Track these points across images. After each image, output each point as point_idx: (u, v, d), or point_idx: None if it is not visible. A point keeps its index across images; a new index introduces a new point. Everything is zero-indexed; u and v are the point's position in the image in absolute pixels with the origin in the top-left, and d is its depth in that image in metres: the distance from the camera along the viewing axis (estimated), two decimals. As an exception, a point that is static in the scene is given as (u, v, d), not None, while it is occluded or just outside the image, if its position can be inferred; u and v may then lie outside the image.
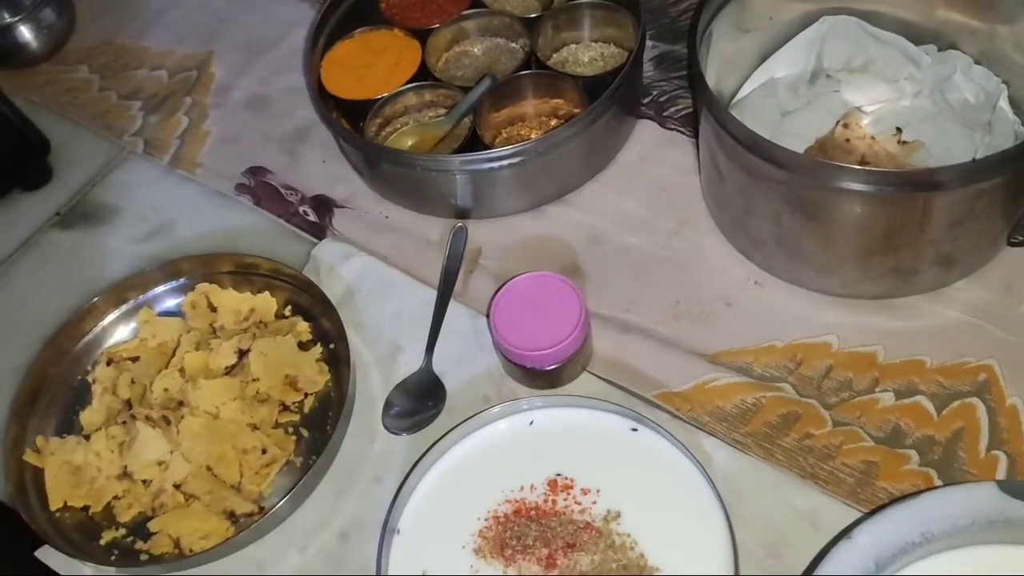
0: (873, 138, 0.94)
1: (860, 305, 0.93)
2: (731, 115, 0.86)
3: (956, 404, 0.86)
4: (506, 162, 0.98)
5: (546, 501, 0.83)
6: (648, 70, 1.14)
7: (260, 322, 0.99)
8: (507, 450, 0.86)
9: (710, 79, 0.91)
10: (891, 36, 0.99)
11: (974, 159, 0.90)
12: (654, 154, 1.07)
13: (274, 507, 0.84)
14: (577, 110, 1.05)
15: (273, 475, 0.90)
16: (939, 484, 0.82)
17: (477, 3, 1.15)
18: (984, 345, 0.89)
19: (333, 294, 0.97)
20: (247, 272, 1.01)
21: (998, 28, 0.95)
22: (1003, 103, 0.96)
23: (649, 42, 1.15)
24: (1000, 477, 0.82)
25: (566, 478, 0.84)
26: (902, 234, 0.86)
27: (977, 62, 0.97)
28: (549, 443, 0.86)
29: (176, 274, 1.02)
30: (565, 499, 0.83)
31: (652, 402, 0.90)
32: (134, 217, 1.13)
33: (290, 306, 1.00)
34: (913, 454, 0.84)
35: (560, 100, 1.08)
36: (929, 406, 0.87)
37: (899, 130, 0.93)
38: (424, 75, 1.11)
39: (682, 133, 1.08)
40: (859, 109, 0.96)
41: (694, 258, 0.99)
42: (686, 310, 0.95)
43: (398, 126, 1.10)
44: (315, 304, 0.98)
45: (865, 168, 0.88)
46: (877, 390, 0.88)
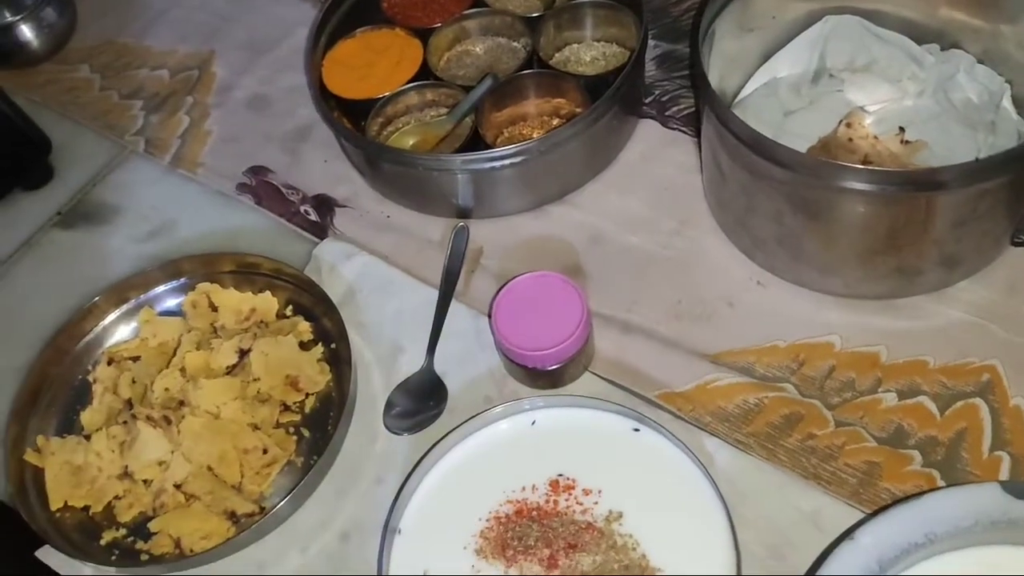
0: (876, 138, 0.94)
1: (863, 305, 0.92)
2: (733, 114, 0.86)
3: (959, 404, 0.86)
4: (508, 162, 0.98)
5: (548, 501, 0.83)
6: (650, 69, 1.13)
7: (261, 322, 0.99)
8: (509, 450, 0.86)
9: (712, 78, 0.90)
10: (894, 35, 0.99)
11: (977, 159, 0.89)
12: (656, 154, 1.07)
13: (275, 507, 0.84)
14: (579, 109, 1.05)
15: (274, 475, 0.90)
16: (942, 485, 0.82)
17: (479, 2, 1.15)
18: (987, 345, 0.89)
19: (334, 294, 0.97)
20: (248, 272, 1.01)
21: (1001, 27, 0.95)
22: (1006, 103, 0.96)
23: (651, 41, 1.14)
24: (1003, 478, 0.82)
25: (568, 478, 0.84)
26: (905, 234, 0.86)
27: (980, 61, 0.97)
28: (551, 443, 0.86)
29: (177, 274, 1.02)
30: (567, 499, 0.83)
31: (654, 402, 0.90)
32: (135, 217, 1.13)
33: (291, 306, 1.00)
34: (916, 455, 0.84)
35: (562, 99, 1.07)
36: (932, 406, 0.86)
37: (902, 130, 0.93)
38: (426, 74, 1.10)
39: (684, 133, 1.08)
40: (862, 109, 0.95)
41: (696, 258, 0.99)
42: (688, 310, 0.95)
43: (400, 125, 1.10)
44: (316, 304, 0.98)
45: (868, 168, 0.88)
46: (880, 390, 0.88)
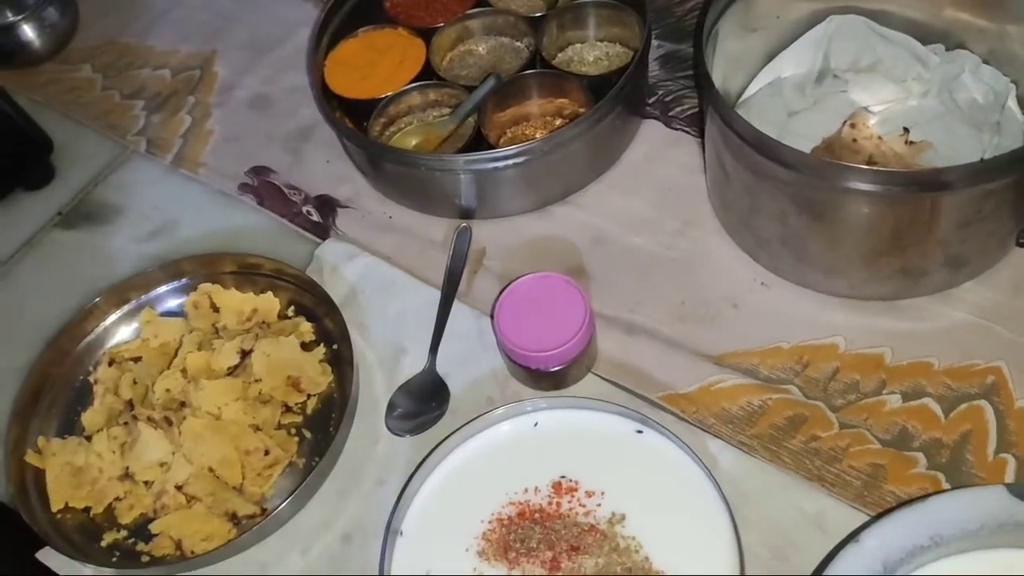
0: (880, 138, 0.93)
1: (867, 306, 0.92)
2: (737, 114, 0.86)
3: (964, 406, 0.86)
4: (510, 162, 0.98)
5: (550, 503, 0.83)
6: (653, 69, 1.13)
7: (263, 322, 0.98)
8: (511, 452, 0.86)
9: (716, 78, 0.90)
10: (899, 35, 0.99)
11: (982, 159, 0.89)
12: (659, 154, 1.07)
13: (276, 509, 0.84)
14: (582, 110, 1.05)
15: (275, 476, 0.89)
16: (947, 487, 0.82)
17: (482, 2, 1.15)
18: (992, 347, 0.88)
19: (336, 294, 0.97)
20: (250, 272, 1.01)
21: (1007, 27, 0.94)
22: (1012, 103, 0.95)
23: (655, 41, 1.14)
24: (1009, 480, 0.82)
25: (570, 480, 0.83)
26: (909, 235, 0.85)
27: (985, 62, 0.97)
28: (553, 445, 0.86)
29: (178, 274, 1.02)
30: (569, 501, 0.83)
31: (657, 404, 0.90)
32: (137, 217, 1.13)
33: (293, 306, 1.00)
34: (921, 457, 0.84)
35: (565, 100, 1.07)
36: (937, 408, 0.86)
37: (906, 130, 0.93)
38: (428, 74, 1.10)
39: (688, 133, 1.08)
40: (866, 109, 0.95)
41: (700, 259, 0.98)
42: (691, 311, 0.95)
43: (402, 125, 1.10)
44: (318, 304, 0.97)
45: (872, 168, 0.87)
46: (884, 392, 0.88)
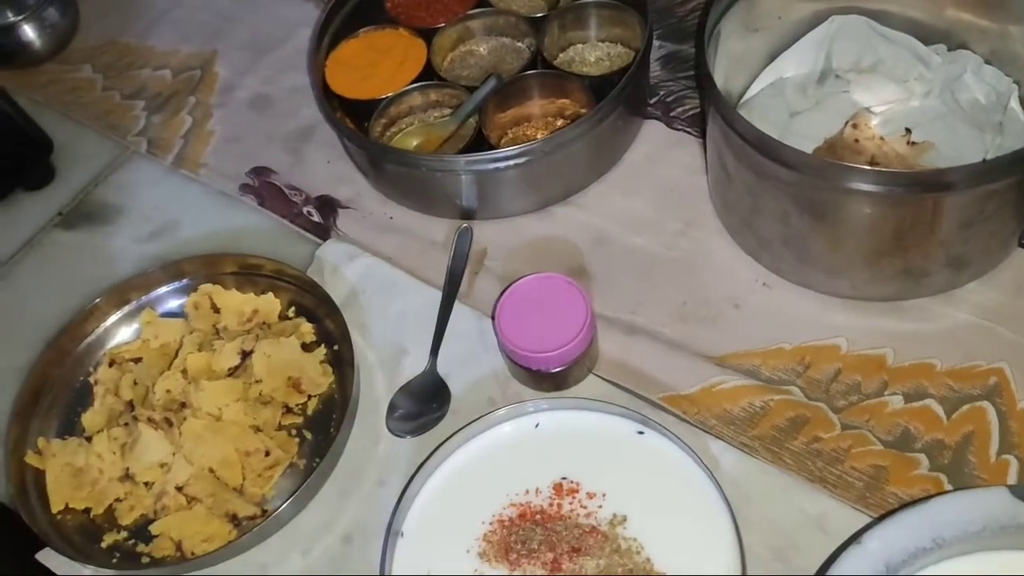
0: (882, 139, 0.93)
1: (869, 307, 0.92)
2: (739, 115, 0.86)
3: (966, 408, 0.86)
4: (512, 162, 0.98)
5: (551, 505, 0.82)
6: (655, 70, 1.13)
7: (263, 323, 0.98)
8: (512, 453, 0.86)
9: (718, 79, 0.90)
10: (901, 36, 0.99)
11: (985, 160, 0.89)
12: (661, 154, 1.06)
13: (277, 510, 0.84)
14: (583, 110, 1.04)
15: (276, 477, 0.89)
16: (949, 489, 0.82)
17: (483, 2, 1.15)
18: (995, 348, 0.88)
19: (337, 295, 0.97)
20: (250, 273, 1.01)
21: (1009, 28, 0.94)
22: (1014, 103, 0.95)
23: (656, 42, 1.14)
24: (1011, 482, 0.81)
25: (572, 481, 0.83)
26: (912, 235, 0.85)
27: (988, 62, 0.96)
28: (554, 446, 0.85)
29: (179, 275, 1.01)
30: (571, 503, 0.82)
31: (658, 405, 0.89)
32: (137, 217, 1.13)
33: (294, 307, 1.00)
34: (923, 458, 0.84)
35: (566, 100, 1.07)
36: (939, 409, 0.86)
37: (908, 131, 0.93)
38: (429, 75, 1.10)
39: (689, 133, 1.07)
40: (868, 109, 0.95)
41: (701, 259, 0.98)
42: (693, 312, 0.95)
43: (403, 126, 1.10)
44: (319, 305, 0.97)
45: (874, 169, 0.87)
46: (886, 393, 0.87)
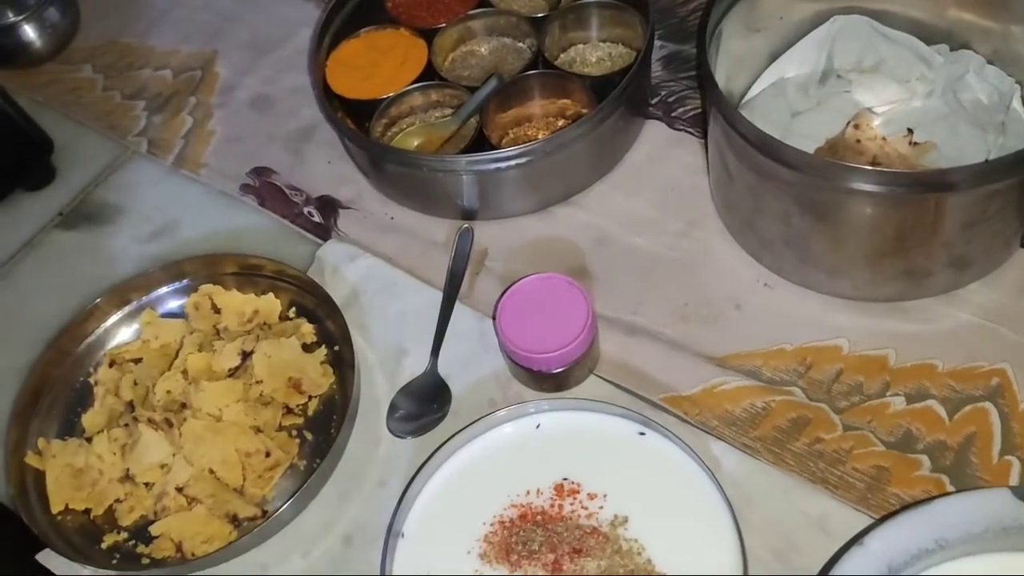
0: (884, 139, 0.93)
1: (871, 308, 0.92)
2: (741, 115, 0.85)
3: (968, 408, 0.85)
4: (513, 163, 0.98)
5: (552, 506, 0.82)
6: (656, 70, 1.13)
7: (264, 324, 0.98)
8: (513, 454, 0.85)
9: (719, 79, 0.90)
10: (903, 36, 0.98)
11: (987, 160, 0.89)
12: (662, 155, 1.06)
13: (277, 511, 0.84)
14: (585, 110, 1.04)
15: (276, 478, 0.89)
16: (951, 490, 0.81)
17: (484, 2, 1.15)
18: (997, 349, 0.88)
19: (338, 296, 0.97)
20: (251, 273, 1.01)
21: (1012, 28, 0.94)
22: (1016, 103, 0.95)
23: (657, 42, 1.14)
24: (1013, 483, 0.81)
25: (573, 482, 0.83)
26: (914, 236, 0.85)
27: (990, 62, 0.96)
28: (555, 447, 0.85)
29: (179, 275, 1.01)
30: (572, 504, 0.82)
31: (660, 406, 0.89)
32: (137, 217, 1.13)
33: (294, 308, 0.99)
34: (925, 459, 0.84)
35: (567, 100, 1.07)
36: (941, 410, 0.86)
37: (910, 131, 0.93)
38: (430, 75, 1.10)
39: (690, 134, 1.07)
40: (870, 110, 0.95)
41: (702, 260, 0.98)
42: (694, 312, 0.94)
43: (404, 126, 1.09)
44: (319, 306, 0.97)
45: (876, 169, 0.87)
46: (888, 394, 0.87)
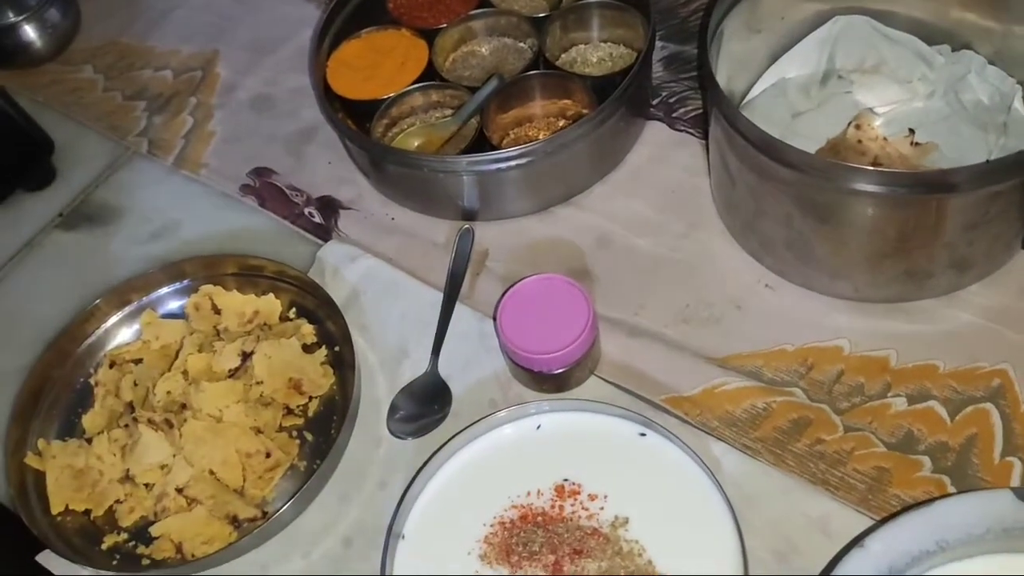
0: (885, 139, 0.93)
1: (872, 309, 0.92)
2: (742, 115, 0.85)
3: (970, 409, 0.85)
4: (513, 163, 0.97)
5: (553, 507, 0.82)
6: (657, 71, 1.13)
7: (264, 324, 0.98)
8: (514, 455, 0.85)
9: (720, 79, 0.90)
10: (904, 36, 0.98)
11: (988, 161, 0.88)
12: (663, 155, 1.06)
13: (277, 512, 0.84)
14: (585, 111, 1.04)
15: (277, 479, 0.89)
16: (953, 491, 0.81)
17: (485, 3, 1.15)
18: (998, 349, 0.88)
19: (338, 296, 0.97)
20: (251, 274, 1.00)
21: (1013, 28, 0.94)
22: (1018, 104, 0.95)
23: (658, 43, 1.14)
24: (1015, 484, 0.81)
25: (573, 483, 0.83)
26: (915, 237, 0.85)
27: (991, 62, 0.96)
28: (556, 448, 0.85)
29: (179, 276, 1.01)
30: (572, 505, 0.82)
31: (661, 407, 0.89)
32: (138, 218, 1.13)
33: (295, 308, 0.99)
34: (926, 460, 0.83)
35: (568, 101, 1.07)
36: (942, 411, 0.86)
37: (912, 131, 0.93)
38: (431, 75, 1.10)
39: (692, 134, 1.07)
40: (871, 110, 0.95)
41: (704, 261, 0.98)
42: (695, 313, 0.94)
43: (404, 127, 1.09)
44: (320, 306, 0.97)
45: (878, 169, 0.87)
46: (889, 395, 0.87)
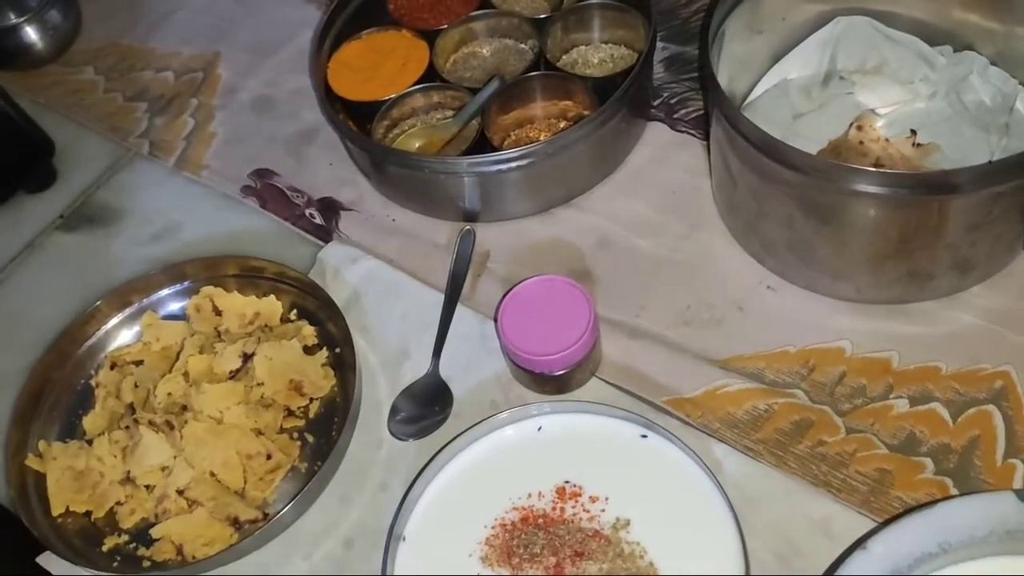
0: (887, 140, 0.93)
1: (874, 310, 0.91)
2: (743, 116, 0.85)
3: (972, 411, 0.85)
4: (514, 164, 0.97)
5: (554, 508, 0.82)
6: (658, 72, 1.13)
7: (265, 326, 0.98)
8: (515, 456, 0.85)
9: (722, 80, 0.89)
10: (906, 37, 0.98)
11: (990, 161, 0.88)
12: (664, 156, 1.06)
13: (278, 513, 0.84)
14: (586, 112, 1.04)
15: (278, 481, 0.89)
16: (955, 493, 0.81)
17: (486, 4, 1.15)
18: (1001, 351, 0.88)
19: (339, 298, 0.97)
20: (252, 275, 1.00)
21: (1015, 29, 0.94)
22: (1020, 105, 0.95)
23: (660, 43, 1.14)
24: (1017, 486, 0.81)
25: (574, 485, 0.83)
26: (917, 238, 0.85)
27: (993, 63, 0.96)
28: (557, 450, 0.85)
29: (180, 277, 1.01)
30: (573, 507, 0.82)
31: (662, 408, 0.89)
32: (139, 219, 1.13)
33: (296, 310, 0.99)
34: (928, 462, 0.83)
35: (569, 102, 1.07)
36: (944, 413, 0.85)
37: (914, 132, 0.92)
38: (432, 76, 1.10)
39: (693, 135, 1.07)
40: (873, 111, 0.95)
41: (705, 262, 0.98)
42: (697, 315, 0.94)
43: (405, 128, 1.09)
44: (321, 308, 0.97)
45: (879, 171, 0.86)
46: (891, 397, 0.87)
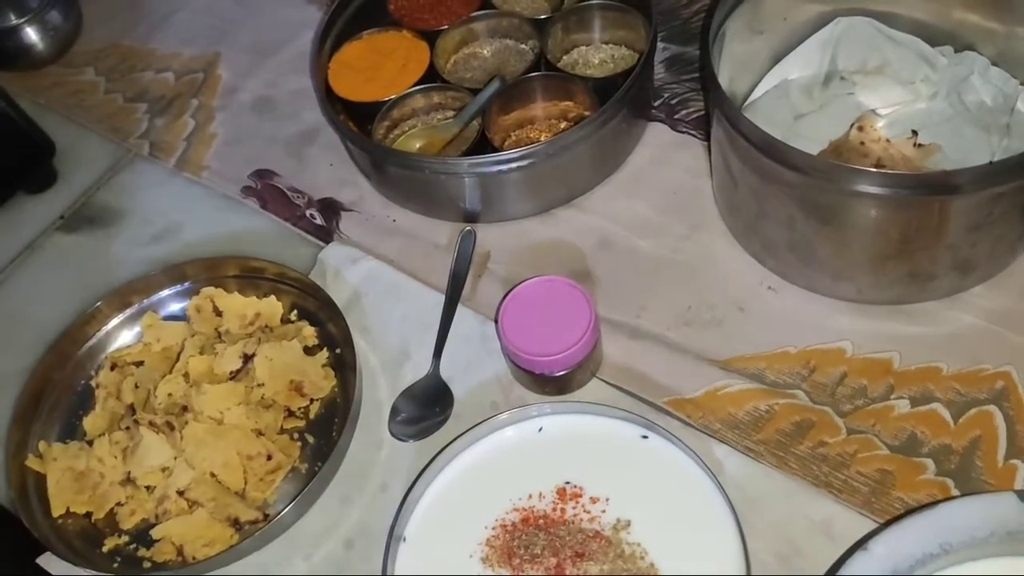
0: (888, 141, 0.93)
1: (875, 311, 0.91)
2: (744, 116, 0.85)
3: (973, 412, 0.85)
4: (515, 165, 0.97)
5: (555, 509, 0.82)
6: (659, 72, 1.12)
7: (265, 326, 0.98)
8: (515, 457, 0.85)
9: (722, 81, 0.89)
10: (907, 37, 0.98)
11: (991, 162, 0.88)
12: (665, 157, 1.06)
13: (279, 514, 0.84)
14: (587, 112, 1.04)
15: (278, 482, 0.89)
16: (956, 494, 0.81)
17: (486, 4, 1.15)
18: (1002, 352, 0.87)
19: (339, 298, 0.97)
20: (253, 276, 1.00)
21: (1016, 29, 0.94)
22: (1021, 105, 0.94)
23: (660, 44, 1.14)
24: (1019, 487, 0.81)
25: (575, 486, 0.83)
26: (918, 238, 0.85)
27: (994, 64, 0.96)
28: (558, 450, 0.85)
29: (181, 278, 1.01)
30: (574, 507, 0.82)
31: (663, 409, 0.89)
32: (139, 220, 1.13)
33: (296, 310, 0.99)
34: (929, 463, 0.83)
35: (570, 102, 1.06)
36: (945, 414, 0.85)
37: (915, 133, 0.92)
38: (432, 77, 1.10)
39: (693, 136, 1.07)
40: (874, 112, 0.95)
41: (706, 263, 0.98)
42: (698, 316, 0.94)
43: (406, 128, 1.09)
44: (321, 308, 0.97)
45: (880, 171, 0.86)
46: (892, 397, 0.87)
